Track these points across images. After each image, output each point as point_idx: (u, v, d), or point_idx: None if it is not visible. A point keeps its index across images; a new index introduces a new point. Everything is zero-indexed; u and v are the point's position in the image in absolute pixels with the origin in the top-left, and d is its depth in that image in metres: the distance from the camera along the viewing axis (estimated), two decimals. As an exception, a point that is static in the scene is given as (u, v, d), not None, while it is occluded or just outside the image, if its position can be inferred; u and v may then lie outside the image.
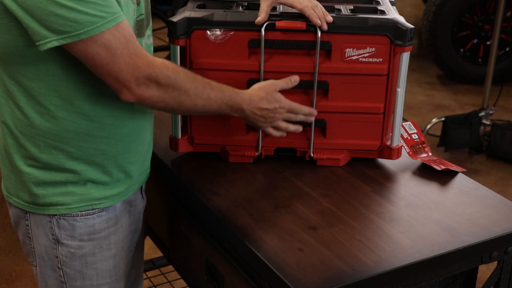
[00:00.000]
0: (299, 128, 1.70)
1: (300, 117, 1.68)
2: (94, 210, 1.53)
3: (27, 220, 1.55)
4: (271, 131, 1.66)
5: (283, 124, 1.66)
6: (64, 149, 1.48)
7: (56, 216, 1.51)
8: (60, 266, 1.56)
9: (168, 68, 1.45)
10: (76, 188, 1.51)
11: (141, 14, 1.56)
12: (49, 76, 1.42)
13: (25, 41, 1.37)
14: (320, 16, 1.63)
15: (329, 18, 1.64)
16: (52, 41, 1.33)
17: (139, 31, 1.56)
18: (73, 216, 1.52)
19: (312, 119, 1.71)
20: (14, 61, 1.41)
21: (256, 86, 1.63)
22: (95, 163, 1.51)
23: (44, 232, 1.54)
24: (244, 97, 1.58)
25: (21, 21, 1.33)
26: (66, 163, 1.49)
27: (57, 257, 1.55)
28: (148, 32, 1.61)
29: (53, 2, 1.30)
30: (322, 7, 1.66)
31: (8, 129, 1.49)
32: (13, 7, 1.32)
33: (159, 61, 1.45)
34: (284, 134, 1.69)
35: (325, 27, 1.63)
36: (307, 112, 1.68)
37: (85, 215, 1.53)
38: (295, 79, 1.66)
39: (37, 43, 1.34)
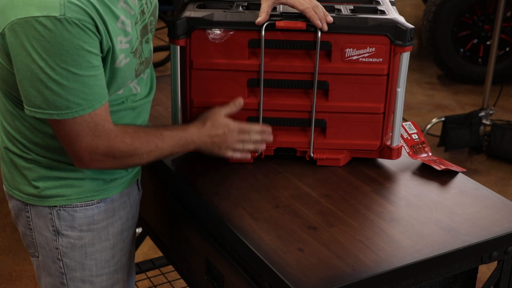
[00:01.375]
0: (261, 146, 1.71)
1: (255, 136, 1.68)
2: (93, 201, 1.58)
3: (27, 212, 1.58)
4: (231, 154, 1.67)
5: (239, 145, 1.66)
6: (65, 161, 1.53)
7: (56, 208, 1.55)
8: (60, 258, 1.60)
9: (125, 144, 1.47)
10: (75, 181, 1.55)
11: (150, 50, 1.60)
12: None
13: None
14: (321, 17, 1.63)
15: (330, 18, 1.64)
16: (26, 109, 1.38)
17: (146, 65, 1.60)
18: (73, 207, 1.56)
19: (269, 138, 1.70)
20: (18, 96, 1.45)
21: (202, 116, 1.65)
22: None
23: (45, 224, 1.57)
24: (192, 131, 1.60)
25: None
26: (67, 167, 1.54)
27: (57, 248, 1.59)
28: (148, 70, 1.64)
29: (39, 81, 1.33)
30: (323, 7, 1.66)
31: (11, 138, 1.54)
32: (14, 66, 1.36)
33: (119, 137, 1.46)
34: (248, 156, 1.70)
35: (326, 28, 1.63)
36: (259, 129, 1.68)
37: (85, 206, 1.57)
38: (239, 103, 1.67)
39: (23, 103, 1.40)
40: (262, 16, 1.63)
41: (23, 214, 1.59)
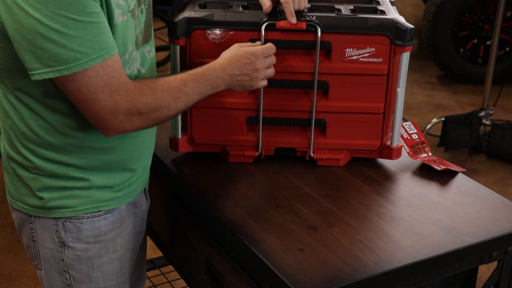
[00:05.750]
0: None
1: (271, 58, 1.60)
2: (100, 212, 1.53)
3: (31, 223, 1.54)
4: (263, 83, 1.60)
5: (269, 71, 1.59)
6: (68, 161, 1.48)
7: (61, 219, 1.51)
8: (66, 270, 1.56)
9: (146, 95, 1.40)
10: (81, 192, 1.50)
11: (148, 23, 1.55)
12: (49, 96, 1.41)
13: (23, 65, 1.36)
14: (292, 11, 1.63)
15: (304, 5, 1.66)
16: (34, 75, 1.32)
17: (145, 39, 1.55)
18: (79, 218, 1.51)
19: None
20: (15, 81, 1.41)
21: (221, 54, 1.57)
22: (99, 171, 1.51)
23: (50, 235, 1.53)
24: (215, 67, 1.52)
25: (15, 48, 1.33)
26: (71, 172, 1.49)
27: (63, 260, 1.55)
28: (148, 48, 1.58)
29: (40, 36, 1.28)
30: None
31: (11, 142, 1.49)
32: (11, 33, 1.31)
33: (138, 88, 1.40)
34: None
35: (294, 21, 1.63)
36: (271, 46, 1.60)
37: (91, 217, 1.52)
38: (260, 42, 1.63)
39: (28, 72, 1.34)
40: (267, 5, 1.64)
41: (26, 225, 1.55)
